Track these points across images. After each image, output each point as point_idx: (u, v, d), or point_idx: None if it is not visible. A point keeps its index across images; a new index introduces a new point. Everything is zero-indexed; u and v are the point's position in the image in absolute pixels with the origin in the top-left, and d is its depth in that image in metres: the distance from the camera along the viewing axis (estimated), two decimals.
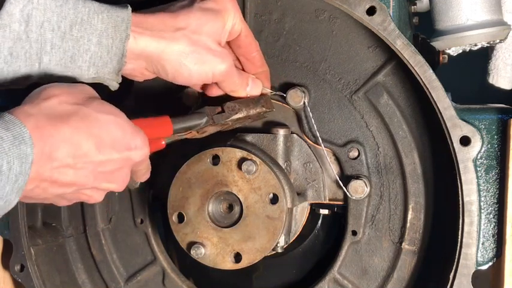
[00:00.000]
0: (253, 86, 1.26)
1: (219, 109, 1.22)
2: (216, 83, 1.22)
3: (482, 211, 1.22)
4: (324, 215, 1.45)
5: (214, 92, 1.24)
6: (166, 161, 1.42)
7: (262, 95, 1.28)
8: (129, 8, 1.09)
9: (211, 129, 1.23)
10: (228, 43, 1.23)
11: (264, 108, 1.27)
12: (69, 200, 1.04)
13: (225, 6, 1.17)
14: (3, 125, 0.88)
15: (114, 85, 1.15)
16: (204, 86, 1.25)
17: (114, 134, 0.99)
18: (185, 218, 1.28)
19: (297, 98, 1.33)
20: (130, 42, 1.09)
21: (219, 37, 1.17)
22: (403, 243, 1.32)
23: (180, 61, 1.13)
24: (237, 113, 1.23)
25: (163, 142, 1.15)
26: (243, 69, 1.27)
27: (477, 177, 1.20)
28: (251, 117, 1.26)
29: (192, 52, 1.13)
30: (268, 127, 1.36)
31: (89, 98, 1.00)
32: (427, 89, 1.20)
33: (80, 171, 0.97)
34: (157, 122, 1.14)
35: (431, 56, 1.52)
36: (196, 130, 1.20)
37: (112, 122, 0.99)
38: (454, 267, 1.21)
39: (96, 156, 0.97)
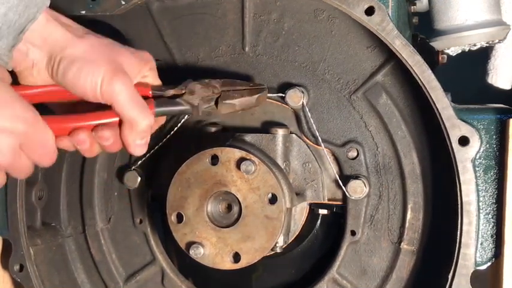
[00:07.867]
0: None
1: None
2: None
3: (481, 211, 1.22)
4: (323, 215, 1.45)
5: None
6: (165, 161, 1.43)
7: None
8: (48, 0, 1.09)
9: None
10: None
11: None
12: None
13: None
14: None
15: (6, 63, 1.10)
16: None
17: None
18: (184, 218, 1.28)
19: (296, 98, 1.33)
20: (40, 25, 1.08)
21: None
22: (402, 243, 1.32)
23: (84, 59, 1.09)
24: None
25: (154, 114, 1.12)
26: None
27: (476, 177, 1.20)
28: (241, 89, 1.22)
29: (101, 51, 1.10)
30: (267, 127, 1.36)
31: None
32: (426, 89, 1.20)
33: None
34: None
35: (431, 56, 1.52)
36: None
37: None
38: (452, 267, 1.21)
39: None
